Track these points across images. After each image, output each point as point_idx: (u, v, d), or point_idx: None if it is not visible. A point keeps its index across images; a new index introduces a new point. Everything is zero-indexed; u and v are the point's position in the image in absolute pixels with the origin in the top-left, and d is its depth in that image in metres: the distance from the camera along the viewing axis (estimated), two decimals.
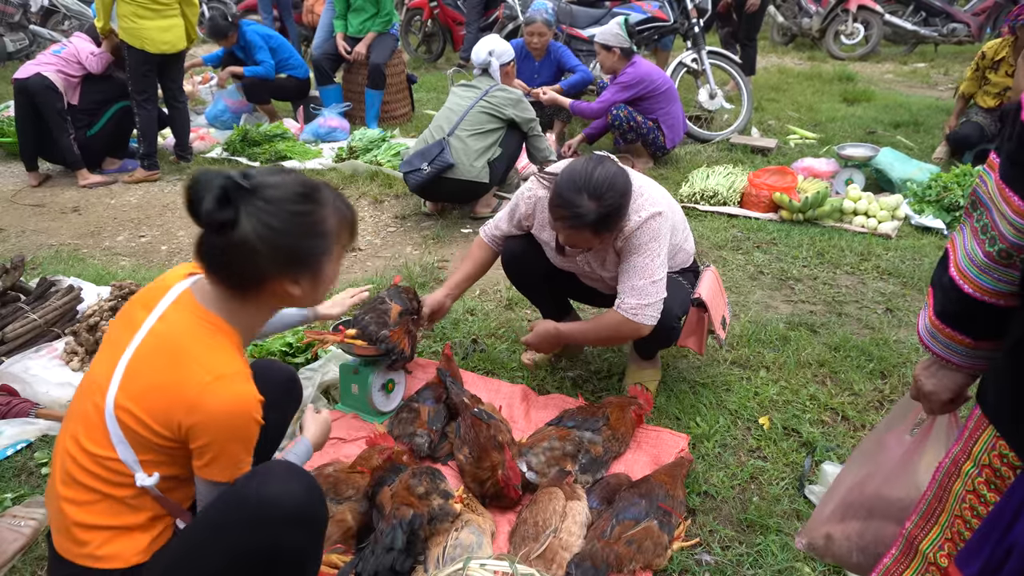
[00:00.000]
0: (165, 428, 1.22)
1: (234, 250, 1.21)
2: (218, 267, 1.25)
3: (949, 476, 1.08)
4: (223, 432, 1.22)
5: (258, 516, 1.23)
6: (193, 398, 1.20)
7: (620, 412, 2.15)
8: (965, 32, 8.83)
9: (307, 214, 1.26)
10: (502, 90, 3.94)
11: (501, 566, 1.40)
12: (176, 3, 4.70)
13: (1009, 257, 0.97)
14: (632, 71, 4.61)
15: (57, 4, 9.20)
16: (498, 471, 1.90)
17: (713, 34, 7.65)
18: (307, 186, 1.29)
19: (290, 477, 1.29)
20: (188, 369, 1.22)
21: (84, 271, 3.44)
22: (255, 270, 1.24)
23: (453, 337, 2.82)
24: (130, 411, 1.22)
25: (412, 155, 3.91)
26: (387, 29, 5.86)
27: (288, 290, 1.28)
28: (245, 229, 1.19)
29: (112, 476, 1.25)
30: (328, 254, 1.31)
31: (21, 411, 2.30)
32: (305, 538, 1.31)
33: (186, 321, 1.27)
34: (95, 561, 1.25)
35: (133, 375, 1.24)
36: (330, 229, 1.30)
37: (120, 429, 1.22)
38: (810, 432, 2.22)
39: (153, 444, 1.24)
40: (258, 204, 1.21)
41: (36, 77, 4.56)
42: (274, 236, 1.21)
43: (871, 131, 5.80)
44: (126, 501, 1.26)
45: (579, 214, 1.93)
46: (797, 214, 3.93)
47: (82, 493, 1.26)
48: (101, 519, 1.25)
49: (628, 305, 2.08)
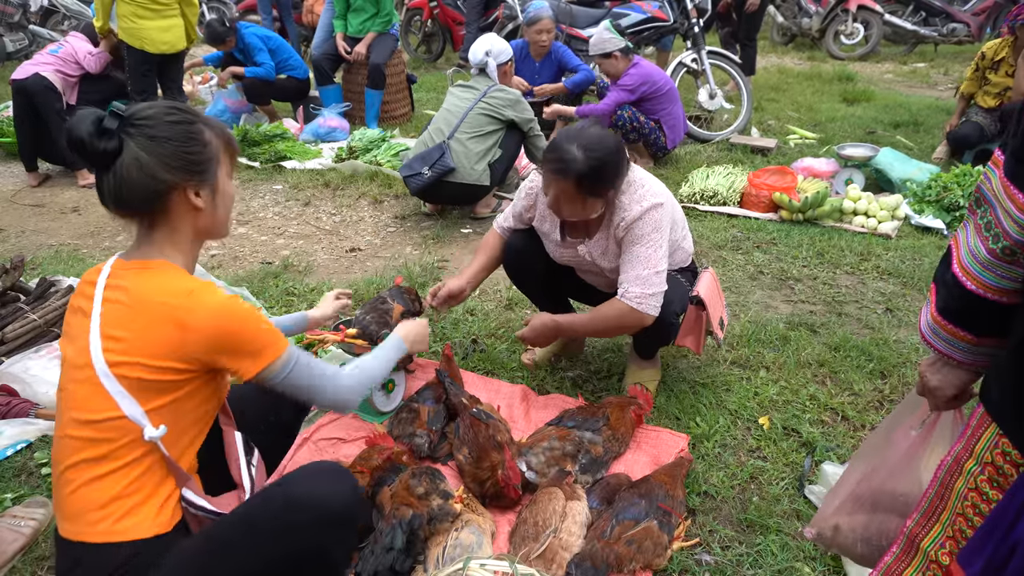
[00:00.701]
0: (177, 360, 1.27)
1: (128, 171, 1.27)
2: (122, 199, 1.30)
3: (951, 474, 1.08)
4: (228, 327, 1.29)
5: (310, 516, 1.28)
6: (184, 320, 1.25)
7: (620, 412, 2.15)
8: (965, 32, 8.84)
9: (183, 123, 1.32)
10: (500, 91, 3.94)
11: (501, 566, 1.40)
12: (176, 3, 4.70)
13: (1013, 254, 0.97)
14: (636, 72, 4.61)
15: (56, 4, 9.20)
16: (498, 471, 1.90)
17: (713, 34, 7.66)
18: (179, 105, 1.37)
19: (339, 478, 1.35)
20: (166, 303, 1.26)
21: (84, 271, 3.43)
22: (154, 183, 1.29)
23: (453, 337, 2.82)
24: (129, 363, 1.25)
25: (412, 159, 3.90)
26: (387, 29, 5.86)
27: (192, 202, 1.34)
28: (131, 148, 1.27)
29: (119, 436, 1.26)
30: (218, 164, 1.38)
31: (21, 411, 2.30)
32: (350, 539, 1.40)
33: (137, 277, 1.31)
34: (115, 535, 1.25)
35: (114, 337, 1.26)
36: (210, 139, 1.37)
37: (121, 385, 1.25)
38: (810, 432, 2.23)
39: (164, 384, 1.27)
40: (136, 123, 1.28)
41: (35, 77, 4.56)
42: (157, 145, 1.28)
43: (871, 131, 5.80)
44: (136, 464, 1.27)
45: (566, 161, 1.95)
46: (797, 214, 3.94)
47: (91, 468, 1.26)
48: (113, 490, 1.26)
49: (633, 294, 2.07)
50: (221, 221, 1.43)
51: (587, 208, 2.06)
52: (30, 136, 4.74)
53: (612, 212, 2.14)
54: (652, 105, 4.71)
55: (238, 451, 1.50)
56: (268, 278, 3.36)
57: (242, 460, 1.49)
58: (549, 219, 2.30)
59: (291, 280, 3.35)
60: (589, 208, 2.06)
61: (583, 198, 2.01)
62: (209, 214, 1.39)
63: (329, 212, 4.33)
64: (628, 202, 2.10)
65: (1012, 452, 0.98)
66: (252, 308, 1.35)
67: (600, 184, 2.00)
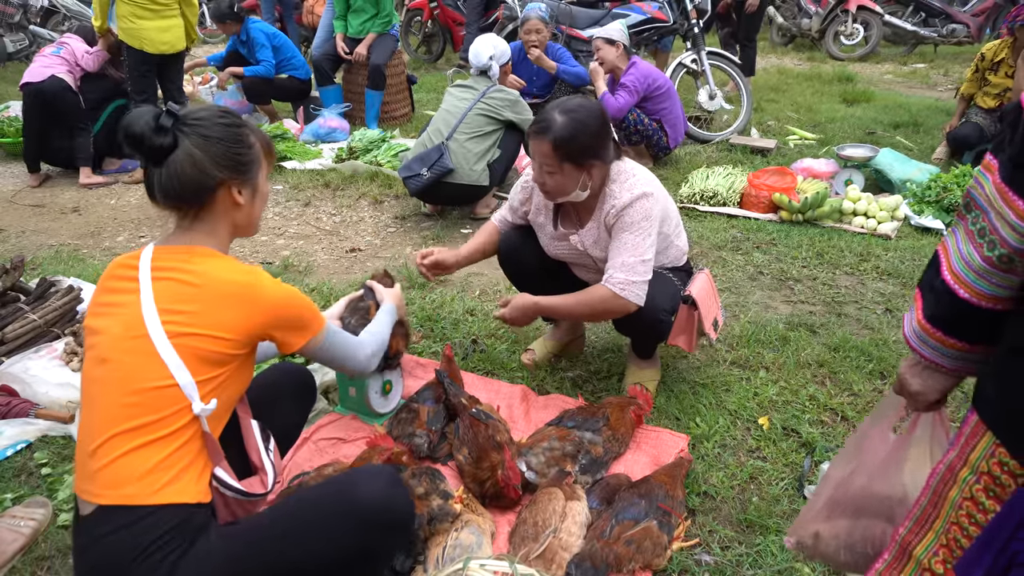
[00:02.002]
0: (240, 334, 1.37)
1: (182, 166, 1.36)
2: (172, 191, 1.39)
3: (944, 482, 1.07)
4: (289, 304, 1.45)
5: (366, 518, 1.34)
6: (254, 296, 1.38)
7: (620, 412, 2.16)
8: (965, 33, 8.84)
9: (233, 126, 1.44)
10: (499, 91, 3.95)
11: (501, 566, 1.40)
12: (176, 3, 4.70)
13: (1011, 262, 0.95)
14: (635, 72, 4.61)
15: (57, 4, 9.21)
16: (498, 471, 1.90)
17: (712, 35, 7.66)
18: (227, 110, 1.48)
19: (397, 484, 1.42)
20: (232, 280, 1.38)
21: (84, 271, 3.44)
22: (203, 178, 1.39)
23: (453, 337, 2.83)
24: (194, 334, 1.32)
25: (411, 160, 3.90)
26: (387, 30, 5.86)
27: (235, 198, 1.45)
28: (185, 145, 1.37)
29: (167, 405, 1.30)
30: (259, 166, 1.50)
31: (21, 411, 2.30)
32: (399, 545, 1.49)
33: (191, 258, 1.39)
34: (164, 497, 1.27)
35: (176, 311, 1.33)
36: (254, 143, 1.48)
37: (179, 355, 1.31)
38: (809, 432, 2.23)
39: (223, 357, 1.36)
40: (191, 123, 1.39)
41: (52, 80, 4.57)
42: (210, 144, 1.39)
43: (871, 132, 5.80)
44: (180, 434, 1.31)
45: (547, 121, 2.04)
46: (797, 215, 3.94)
47: (139, 434, 1.28)
48: (158, 457, 1.28)
49: (617, 280, 2.08)
50: (256, 218, 1.54)
51: (567, 177, 2.08)
52: (36, 138, 4.75)
53: (603, 200, 2.17)
54: (653, 105, 4.71)
55: (256, 438, 1.53)
56: None
57: (261, 446, 1.52)
58: (544, 211, 2.34)
59: (291, 280, 3.35)
60: (569, 178, 2.08)
61: (560, 164, 2.05)
62: (247, 211, 1.49)
63: (329, 212, 4.33)
64: (619, 190, 2.13)
65: (1010, 462, 0.96)
66: (298, 290, 1.50)
67: (576, 148, 2.03)
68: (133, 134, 1.34)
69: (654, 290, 2.15)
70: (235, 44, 5.90)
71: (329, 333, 1.58)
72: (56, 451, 2.21)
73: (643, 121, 4.68)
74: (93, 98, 4.84)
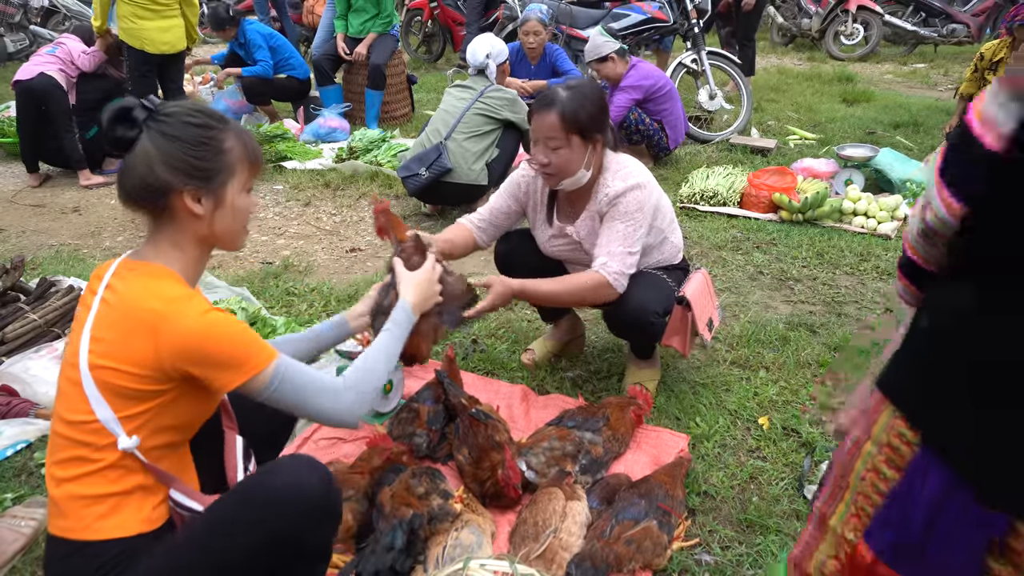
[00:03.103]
0: (151, 369, 1.24)
1: (135, 161, 1.29)
2: (125, 190, 1.32)
3: (851, 456, 1.14)
4: (202, 338, 1.25)
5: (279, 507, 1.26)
6: (158, 326, 1.23)
7: (620, 412, 2.16)
8: (965, 33, 8.84)
9: (201, 126, 1.32)
10: (497, 90, 3.95)
11: (501, 566, 1.40)
12: (176, 3, 4.70)
13: (928, 237, 1.05)
14: (635, 72, 4.61)
15: (57, 4, 9.21)
16: (498, 471, 1.91)
17: (712, 34, 7.66)
18: (208, 110, 1.36)
19: (310, 470, 1.32)
20: (144, 308, 1.25)
21: (84, 271, 3.45)
22: (151, 178, 1.28)
23: (453, 337, 2.83)
24: (106, 367, 1.23)
25: (410, 160, 3.90)
26: (387, 30, 5.86)
27: (190, 207, 1.31)
28: (143, 140, 1.28)
29: (95, 440, 1.24)
30: (230, 176, 1.35)
31: (21, 411, 2.30)
32: (324, 533, 1.36)
33: (128, 279, 1.30)
34: (97, 533, 1.25)
35: (98, 339, 1.26)
36: (228, 149, 1.34)
37: (97, 388, 1.23)
38: (809, 432, 2.23)
39: (140, 392, 1.25)
40: (159, 119, 1.30)
41: (41, 77, 4.56)
42: (166, 142, 1.29)
43: (871, 132, 5.80)
44: (115, 467, 1.26)
45: (551, 96, 2.06)
46: (797, 214, 3.94)
47: (72, 467, 1.26)
48: (95, 489, 1.25)
49: (612, 269, 2.08)
50: (224, 233, 1.38)
51: (574, 152, 2.08)
52: (31, 137, 4.74)
53: (596, 190, 2.18)
54: (653, 105, 4.70)
55: (236, 456, 1.48)
56: (268, 278, 3.37)
57: (240, 464, 1.48)
58: (541, 207, 2.35)
59: (291, 280, 3.35)
60: (575, 153, 2.08)
61: (567, 136, 2.05)
62: (207, 223, 1.34)
63: (329, 212, 4.33)
64: (611, 179, 2.15)
65: (907, 433, 1.03)
66: (234, 320, 1.31)
67: (584, 117, 2.05)
68: (102, 121, 1.30)
69: (646, 292, 2.15)
70: (234, 46, 5.90)
71: (280, 373, 1.31)
72: None
73: (644, 121, 4.68)
74: (92, 98, 4.83)
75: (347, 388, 1.42)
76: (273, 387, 1.31)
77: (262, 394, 1.32)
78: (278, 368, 1.32)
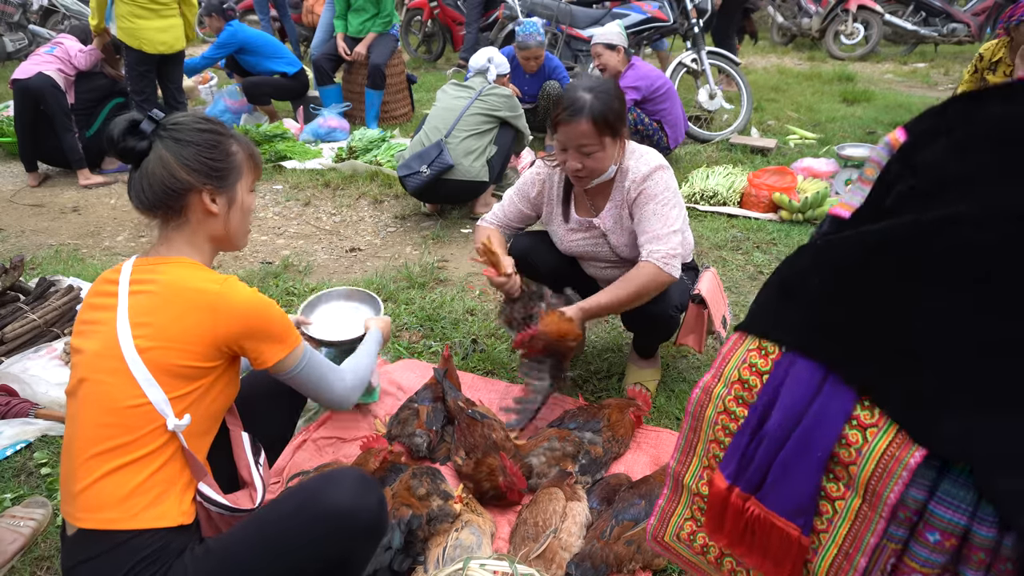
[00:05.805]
0: (206, 345, 1.33)
1: (153, 168, 1.38)
2: (145, 195, 1.39)
3: (701, 404, 1.11)
4: (259, 313, 1.39)
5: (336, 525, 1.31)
6: (218, 304, 1.34)
7: (619, 414, 2.16)
8: (965, 32, 8.83)
9: (210, 132, 1.43)
10: (495, 89, 3.98)
11: (501, 566, 1.40)
12: (175, 3, 4.70)
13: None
14: (634, 73, 4.61)
15: (56, 4, 9.20)
16: (496, 473, 1.90)
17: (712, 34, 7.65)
18: (209, 119, 1.47)
19: (367, 491, 1.37)
20: (199, 289, 1.35)
21: (84, 271, 3.44)
22: (174, 182, 1.38)
23: (453, 337, 2.82)
24: (158, 347, 1.30)
25: (409, 158, 3.90)
26: (387, 29, 5.86)
27: (208, 206, 1.43)
28: (158, 149, 1.38)
29: (142, 424, 1.28)
30: (239, 176, 1.48)
31: (20, 411, 2.30)
32: (372, 550, 1.44)
33: (165, 271, 1.38)
34: (144, 522, 1.26)
35: (143, 324, 1.31)
36: (235, 152, 1.47)
37: (148, 370, 1.29)
38: None
39: (192, 370, 1.33)
40: (168, 128, 1.40)
41: (39, 76, 4.55)
42: (182, 148, 1.39)
43: (871, 131, 5.80)
44: (157, 455, 1.29)
45: (576, 103, 2.02)
46: (797, 214, 3.94)
47: (114, 457, 1.27)
48: (137, 479, 1.27)
49: (660, 253, 2.05)
50: (235, 231, 1.50)
51: (607, 152, 2.08)
52: (30, 136, 4.74)
53: (620, 178, 2.17)
54: (652, 105, 4.70)
55: (246, 451, 1.51)
56: (268, 278, 3.37)
57: (251, 460, 1.50)
58: (557, 203, 2.33)
59: (291, 280, 3.35)
60: (608, 152, 2.09)
61: (601, 139, 2.05)
62: (222, 221, 1.46)
63: (329, 212, 4.33)
64: (635, 164, 2.14)
65: (758, 362, 1.03)
66: (279, 312, 1.45)
67: (613, 117, 2.04)
68: (110, 136, 1.37)
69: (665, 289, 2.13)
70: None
71: (308, 354, 1.51)
72: (56, 451, 2.20)
73: (643, 121, 4.68)
74: (90, 97, 4.83)
75: (347, 376, 1.64)
76: (302, 365, 1.49)
77: (292, 370, 1.48)
78: (306, 349, 1.50)
